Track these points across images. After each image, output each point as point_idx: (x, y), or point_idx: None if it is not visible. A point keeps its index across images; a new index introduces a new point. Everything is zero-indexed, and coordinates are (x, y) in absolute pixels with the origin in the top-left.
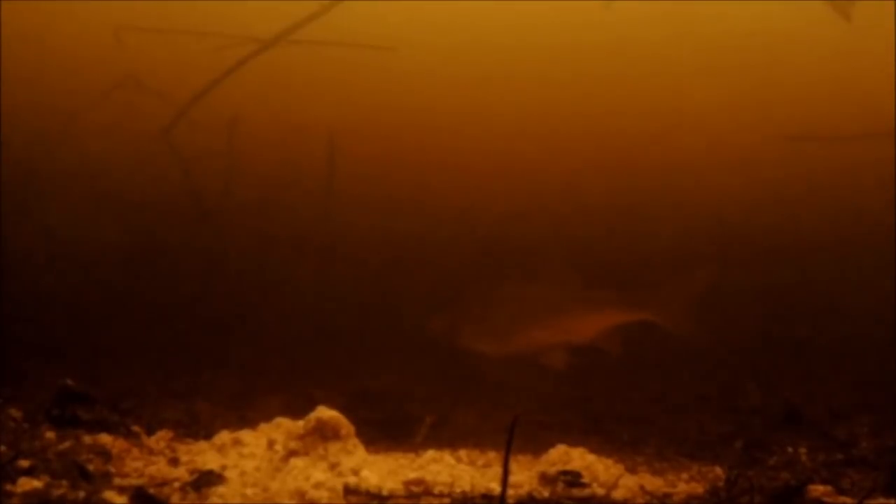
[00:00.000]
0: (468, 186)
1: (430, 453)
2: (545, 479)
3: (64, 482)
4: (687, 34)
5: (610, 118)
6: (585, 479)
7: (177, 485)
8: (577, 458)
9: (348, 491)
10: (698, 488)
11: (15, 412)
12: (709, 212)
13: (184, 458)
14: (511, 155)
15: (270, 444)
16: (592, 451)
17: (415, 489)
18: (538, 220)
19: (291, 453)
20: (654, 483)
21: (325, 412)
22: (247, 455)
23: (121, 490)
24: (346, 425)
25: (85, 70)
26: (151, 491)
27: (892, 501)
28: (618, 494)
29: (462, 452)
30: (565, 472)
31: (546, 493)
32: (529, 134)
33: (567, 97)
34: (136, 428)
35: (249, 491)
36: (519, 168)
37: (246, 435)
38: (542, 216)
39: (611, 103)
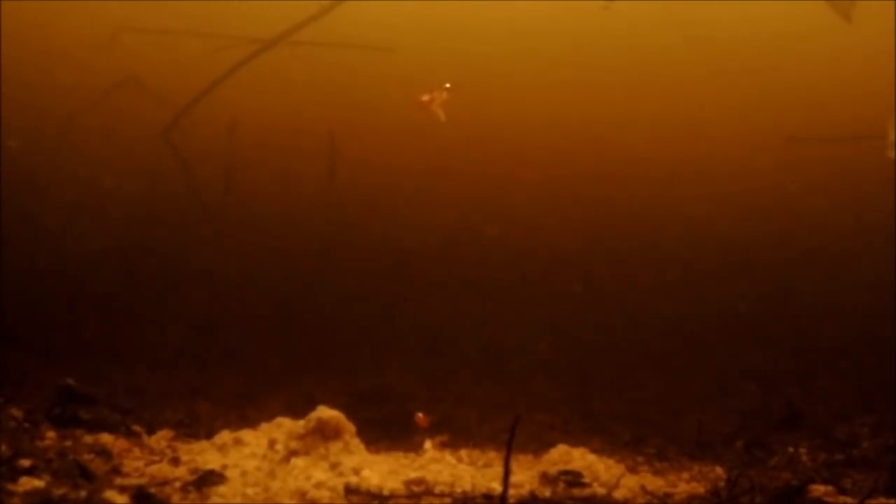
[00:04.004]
0: (468, 188)
1: (431, 453)
2: (546, 478)
3: (65, 481)
4: (686, 35)
5: (610, 120)
6: (586, 479)
7: (178, 484)
8: (578, 457)
9: (349, 490)
10: (699, 488)
11: (15, 412)
12: (710, 213)
13: (185, 458)
14: (510, 158)
15: (271, 443)
16: (593, 450)
17: (416, 489)
18: (539, 223)
19: (292, 453)
20: (654, 483)
21: (325, 412)
22: (248, 455)
23: (122, 489)
24: (346, 425)
25: (85, 70)
26: (152, 490)
27: (893, 501)
28: (619, 494)
29: (462, 452)
30: (566, 472)
31: (547, 493)
32: (529, 136)
33: (567, 99)
34: (136, 427)
35: (250, 490)
36: (519, 171)
37: (247, 434)
38: (542, 218)
39: (611, 105)
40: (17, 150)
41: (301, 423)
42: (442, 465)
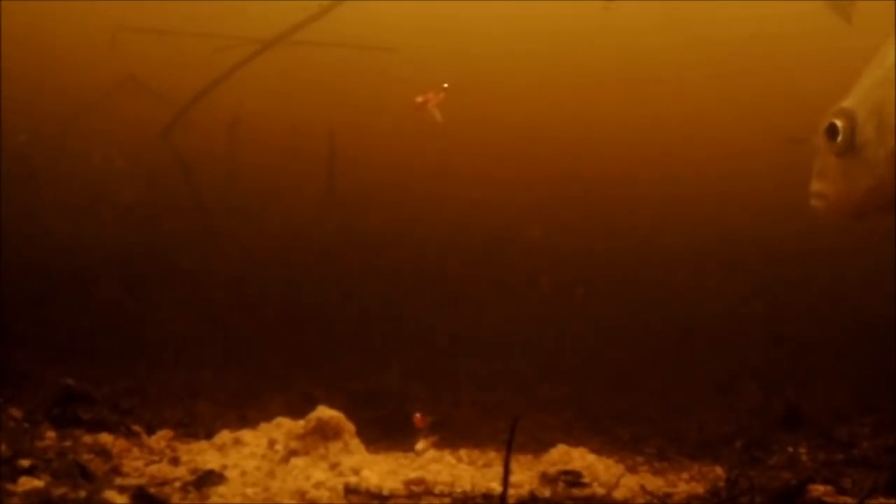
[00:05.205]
0: (468, 189)
1: (431, 453)
2: (546, 478)
3: (65, 481)
4: (687, 36)
5: (609, 121)
6: (586, 479)
7: (177, 484)
8: (578, 457)
9: (349, 490)
10: (699, 488)
11: (15, 412)
12: (711, 213)
13: (184, 458)
14: (510, 159)
15: (271, 443)
16: (593, 450)
17: (415, 489)
18: (539, 223)
19: (292, 453)
20: (654, 483)
21: (325, 412)
22: (247, 455)
23: (121, 489)
24: (346, 425)
25: (84, 70)
26: (152, 490)
27: (893, 501)
28: (618, 494)
29: (462, 452)
30: (566, 472)
31: (547, 493)
32: (528, 138)
33: (566, 101)
34: (136, 427)
35: (250, 490)
36: (518, 172)
37: (246, 434)
38: (543, 218)
39: (610, 107)
40: (17, 149)
41: (301, 423)
42: (441, 465)
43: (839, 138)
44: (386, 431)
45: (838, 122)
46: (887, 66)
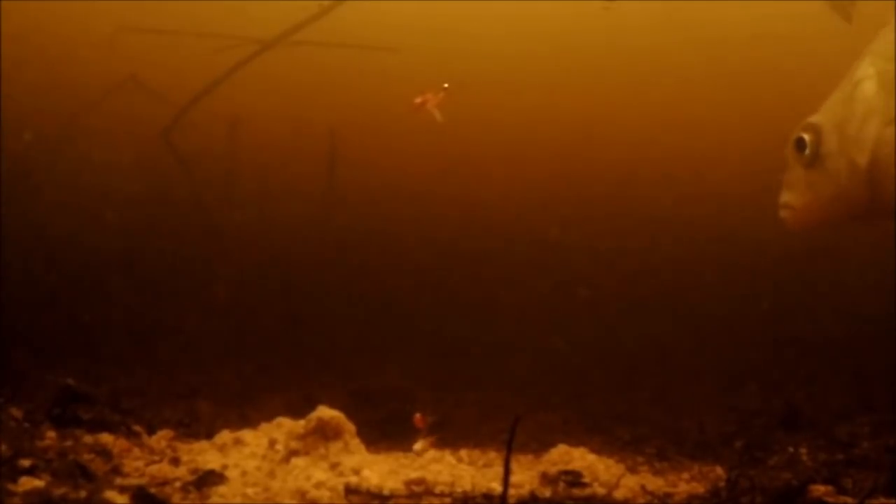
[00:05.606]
0: (468, 189)
1: (431, 453)
2: (546, 478)
3: (65, 481)
4: (687, 36)
5: (610, 121)
6: (586, 479)
7: (178, 484)
8: (579, 457)
9: (349, 490)
10: (699, 488)
11: (15, 412)
12: (711, 213)
13: (185, 458)
14: (510, 159)
15: (271, 443)
16: (593, 450)
17: (416, 489)
18: (540, 223)
19: (292, 453)
20: (655, 483)
21: (326, 412)
22: (248, 455)
23: (122, 489)
24: (347, 425)
25: (85, 70)
26: (152, 490)
27: (893, 501)
28: (619, 494)
29: (463, 452)
30: (566, 472)
31: (547, 493)
32: (528, 138)
33: (566, 101)
34: (137, 427)
35: (250, 490)
36: (518, 173)
37: (247, 434)
38: (544, 219)
39: (610, 107)
40: (18, 149)
41: (301, 423)
42: (442, 465)
43: (806, 151)
44: (386, 431)
45: (806, 136)
46: (854, 81)
